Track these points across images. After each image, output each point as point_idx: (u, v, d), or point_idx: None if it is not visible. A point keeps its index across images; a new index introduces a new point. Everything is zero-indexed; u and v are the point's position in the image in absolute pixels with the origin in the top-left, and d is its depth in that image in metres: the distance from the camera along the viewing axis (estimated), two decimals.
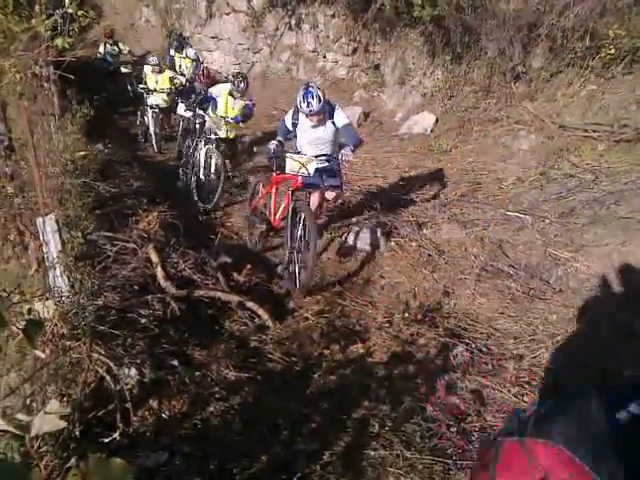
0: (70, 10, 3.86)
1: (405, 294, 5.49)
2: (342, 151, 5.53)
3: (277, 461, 3.13)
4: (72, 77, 4.32)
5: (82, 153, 7.35)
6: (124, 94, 13.27)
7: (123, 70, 13.28)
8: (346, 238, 6.57)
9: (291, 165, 5.59)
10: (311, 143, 5.97)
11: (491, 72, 9.28)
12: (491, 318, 5.02)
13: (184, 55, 12.19)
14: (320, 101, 5.54)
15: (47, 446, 2.68)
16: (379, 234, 6.44)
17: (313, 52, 12.59)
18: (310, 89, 5.58)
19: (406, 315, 5.05)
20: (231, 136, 8.49)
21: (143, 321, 4.07)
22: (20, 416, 1.60)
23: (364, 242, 6.33)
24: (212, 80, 9.74)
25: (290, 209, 5.59)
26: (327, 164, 5.93)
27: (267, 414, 3.53)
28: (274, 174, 6.14)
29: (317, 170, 5.70)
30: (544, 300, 5.12)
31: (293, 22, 12.75)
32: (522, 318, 4.92)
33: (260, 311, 4.78)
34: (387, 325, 4.91)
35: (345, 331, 4.90)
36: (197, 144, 8.22)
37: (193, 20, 14.98)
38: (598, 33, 8.02)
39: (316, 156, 5.70)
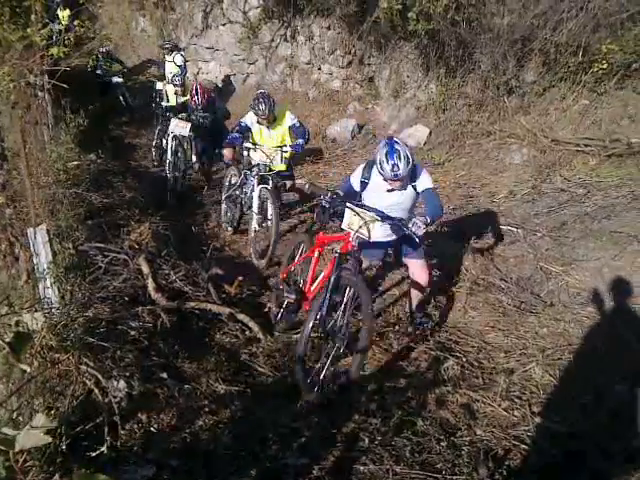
0: (64, 22, 3.88)
1: (396, 307, 5.49)
2: (414, 219, 4.15)
3: (266, 476, 3.11)
4: (66, 86, 4.32)
5: (75, 163, 7.36)
6: (119, 104, 13.28)
7: (114, 80, 13.21)
8: None
9: (350, 220, 4.30)
10: (382, 210, 4.42)
11: (485, 86, 9.31)
12: (482, 332, 5.02)
13: (172, 59, 12.20)
14: (409, 163, 4.20)
15: (33, 460, 2.66)
16: None
17: (308, 64, 12.61)
18: (396, 146, 4.22)
19: (397, 328, 5.04)
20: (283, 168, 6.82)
21: (133, 333, 4.06)
22: (6, 430, 1.58)
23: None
24: (210, 98, 8.61)
25: (331, 281, 4.15)
26: (395, 232, 4.53)
27: (257, 428, 3.51)
28: (320, 233, 5.00)
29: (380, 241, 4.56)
30: (535, 314, 5.13)
31: (288, 34, 12.77)
32: (513, 332, 4.93)
33: (251, 323, 4.77)
34: (378, 338, 4.90)
35: None
36: (246, 178, 6.87)
37: (189, 31, 14.99)
38: (591, 48, 8.07)
39: (382, 219, 4.28)
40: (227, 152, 6.94)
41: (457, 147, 9.31)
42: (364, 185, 4.62)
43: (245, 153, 6.91)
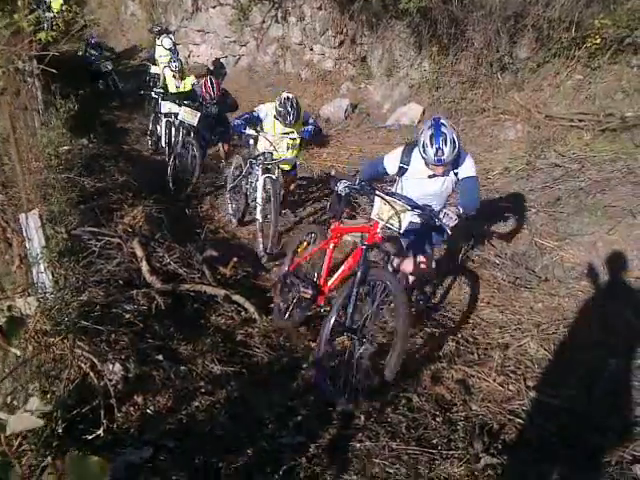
0: (55, 8, 3.84)
1: None
2: (445, 210, 3.87)
3: (263, 455, 3.11)
4: (55, 72, 4.27)
5: (66, 148, 7.31)
6: (109, 90, 13.20)
7: (103, 65, 13.05)
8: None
9: (380, 209, 3.94)
10: (420, 199, 4.20)
11: (478, 63, 9.27)
12: (477, 308, 5.03)
13: (160, 42, 12.01)
14: (454, 148, 3.89)
15: (28, 444, 2.66)
16: None
17: (300, 45, 12.53)
18: (442, 128, 3.89)
19: (392, 306, 5.04)
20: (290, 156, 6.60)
21: (128, 316, 4.04)
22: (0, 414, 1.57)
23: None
24: (224, 94, 8.21)
25: (358, 275, 3.83)
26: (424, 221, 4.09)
27: (253, 408, 3.52)
28: (335, 223, 4.66)
29: (411, 230, 4.19)
30: (530, 289, 5.14)
31: (280, 15, 12.68)
32: (508, 307, 4.95)
33: (247, 304, 4.75)
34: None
35: None
36: (252, 167, 6.53)
37: (179, 14, 14.86)
38: (584, 23, 8.03)
39: (412, 208, 3.92)
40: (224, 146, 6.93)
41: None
42: (403, 171, 4.29)
43: (251, 142, 6.68)
